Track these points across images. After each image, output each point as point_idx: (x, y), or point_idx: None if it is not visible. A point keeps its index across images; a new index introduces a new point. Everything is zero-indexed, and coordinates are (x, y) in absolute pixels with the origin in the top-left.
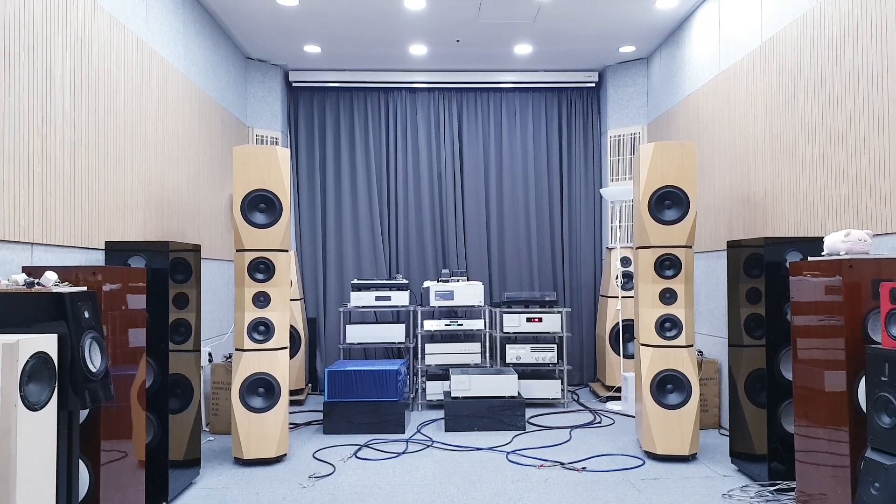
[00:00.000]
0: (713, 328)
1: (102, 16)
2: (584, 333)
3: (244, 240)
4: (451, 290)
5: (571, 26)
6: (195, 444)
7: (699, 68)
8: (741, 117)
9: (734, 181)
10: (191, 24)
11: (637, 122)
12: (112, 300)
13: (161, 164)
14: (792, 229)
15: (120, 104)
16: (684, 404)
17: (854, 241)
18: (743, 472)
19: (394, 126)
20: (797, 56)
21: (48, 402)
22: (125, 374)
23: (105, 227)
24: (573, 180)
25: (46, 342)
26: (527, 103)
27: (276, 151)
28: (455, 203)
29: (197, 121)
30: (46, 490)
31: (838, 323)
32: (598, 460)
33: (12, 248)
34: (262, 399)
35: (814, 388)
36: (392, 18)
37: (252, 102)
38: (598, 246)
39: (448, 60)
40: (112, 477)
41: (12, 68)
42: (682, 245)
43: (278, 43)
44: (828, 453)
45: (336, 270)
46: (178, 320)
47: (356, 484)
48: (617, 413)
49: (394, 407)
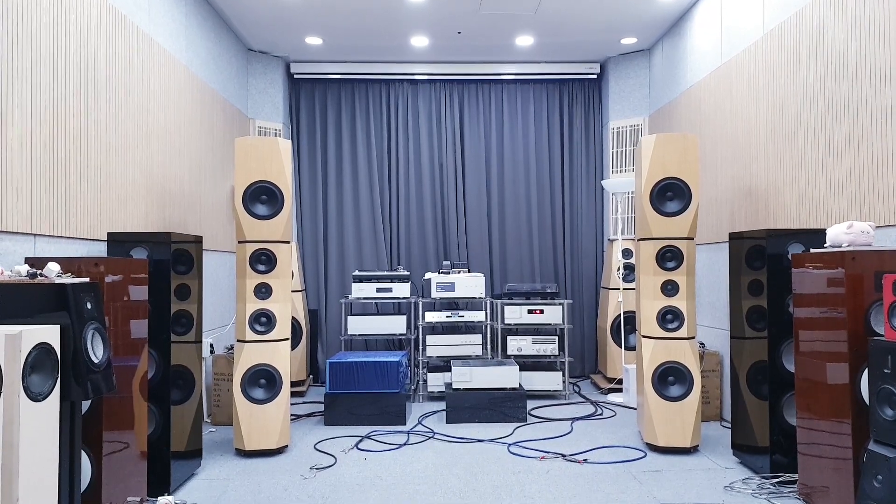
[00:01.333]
0: (715, 320)
1: (106, 8)
2: (585, 325)
3: (246, 231)
4: (453, 282)
5: (573, 18)
6: (197, 435)
7: (701, 60)
8: (743, 109)
9: (736, 173)
10: (193, 16)
11: (639, 113)
12: (114, 291)
13: (163, 155)
14: (794, 221)
15: (123, 96)
16: (686, 396)
17: (857, 232)
18: (745, 464)
19: (395, 118)
20: (800, 47)
21: (51, 393)
22: (127, 365)
23: (107, 218)
24: (574, 172)
25: (49, 333)
26: (528, 95)
27: (277, 143)
28: (456, 195)
29: (199, 112)
30: (49, 480)
31: (841, 315)
32: (600, 452)
33: (15, 238)
34: (263, 390)
35: (816, 380)
36: (394, 10)
37: (254, 94)
38: (599, 238)
39: (449, 52)
40: (114, 468)
41: (15, 59)
42: (684, 237)
43: (280, 35)
44: (830, 446)
45: (337, 262)
46: (179, 311)
47: (357, 475)
48: (618, 405)
49: (395, 398)
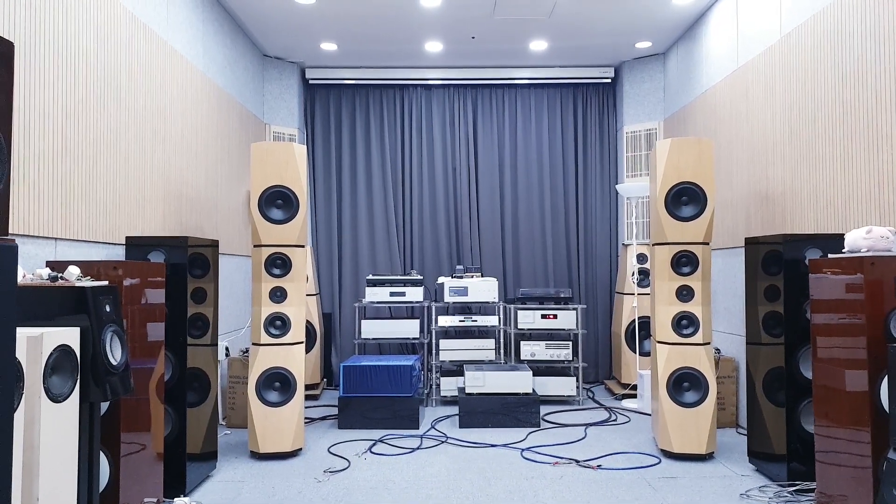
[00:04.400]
0: (731, 326)
1: (125, 15)
2: (599, 330)
3: (261, 235)
4: (466, 286)
5: (587, 22)
6: (212, 437)
7: (716, 64)
8: (759, 113)
9: (752, 178)
10: (210, 22)
11: (653, 118)
12: (132, 294)
13: (180, 160)
14: (811, 226)
15: (141, 102)
16: (701, 402)
17: (876, 238)
18: (761, 471)
19: (409, 122)
20: (817, 51)
21: (70, 394)
22: (144, 367)
23: (125, 222)
24: (588, 176)
25: (69, 335)
26: (542, 99)
27: (293, 148)
28: (470, 199)
29: (215, 118)
30: (68, 480)
31: (859, 321)
32: (614, 458)
33: (37, 242)
34: (277, 393)
35: (834, 387)
36: (408, 16)
37: (269, 99)
38: (613, 242)
39: (463, 57)
40: (131, 468)
41: (37, 67)
42: (700, 242)
43: (295, 40)
44: (849, 454)
45: (351, 266)
46: (195, 315)
47: (371, 479)
48: (632, 411)
49: (408, 402)
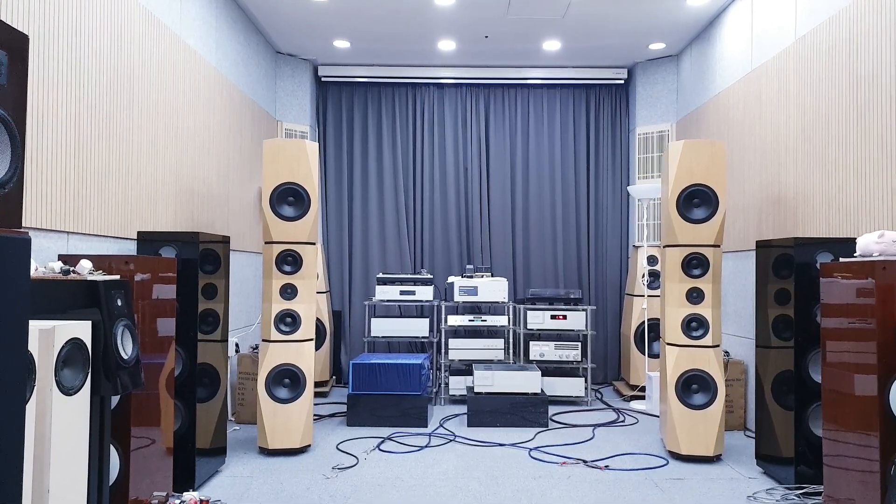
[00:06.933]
0: (740, 329)
1: (139, 10)
2: (608, 332)
3: (272, 232)
4: (476, 286)
5: (601, 23)
6: (221, 432)
7: (730, 66)
8: (773, 116)
9: (764, 181)
10: (223, 18)
11: (666, 119)
12: (143, 289)
13: (192, 156)
14: (823, 230)
15: (154, 97)
16: (710, 405)
17: (888, 242)
18: (769, 474)
19: (421, 121)
20: (832, 55)
21: (82, 388)
22: (155, 362)
23: (137, 217)
24: (600, 177)
25: (81, 328)
26: (555, 100)
27: (305, 145)
28: (481, 199)
29: (227, 114)
30: (79, 473)
31: (870, 326)
32: (622, 459)
33: (49, 236)
34: (287, 390)
35: (844, 391)
36: (421, 14)
37: (281, 96)
38: (624, 244)
39: (476, 56)
40: (141, 462)
41: (51, 62)
42: (711, 244)
43: (308, 38)
44: (857, 458)
45: (361, 264)
46: (206, 310)
47: (379, 476)
48: (641, 412)
49: (417, 401)
